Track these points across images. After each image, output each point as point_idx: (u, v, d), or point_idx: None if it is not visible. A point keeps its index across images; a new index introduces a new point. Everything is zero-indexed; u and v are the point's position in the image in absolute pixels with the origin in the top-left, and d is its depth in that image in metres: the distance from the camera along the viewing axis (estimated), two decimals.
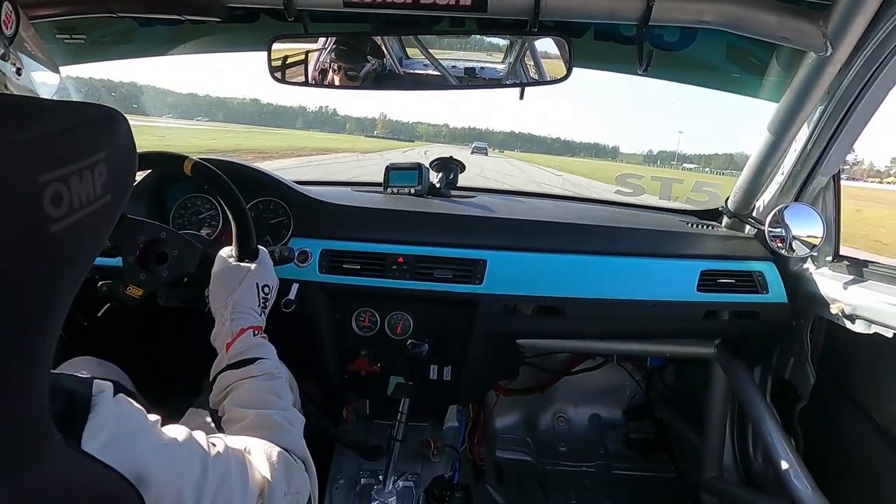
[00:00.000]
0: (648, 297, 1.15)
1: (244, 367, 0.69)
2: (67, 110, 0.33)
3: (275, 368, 0.70)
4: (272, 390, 0.67)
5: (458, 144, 48.51)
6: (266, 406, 0.64)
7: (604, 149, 59.73)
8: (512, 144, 58.76)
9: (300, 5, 0.95)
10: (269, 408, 0.64)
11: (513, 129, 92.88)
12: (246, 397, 0.65)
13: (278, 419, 0.63)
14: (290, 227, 1.18)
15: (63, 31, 1.15)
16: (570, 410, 1.73)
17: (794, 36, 0.89)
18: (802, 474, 1.04)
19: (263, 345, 0.73)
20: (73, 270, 0.33)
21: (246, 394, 0.66)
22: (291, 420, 0.64)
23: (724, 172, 35.33)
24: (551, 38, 1.02)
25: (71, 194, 0.30)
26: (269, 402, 0.65)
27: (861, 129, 1.02)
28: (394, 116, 79.42)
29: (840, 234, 1.15)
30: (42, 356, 0.32)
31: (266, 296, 0.80)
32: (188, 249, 0.88)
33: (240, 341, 0.72)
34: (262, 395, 0.65)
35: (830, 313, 1.05)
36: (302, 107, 79.47)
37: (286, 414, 0.65)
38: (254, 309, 0.77)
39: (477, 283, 1.13)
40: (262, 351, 0.72)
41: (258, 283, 0.79)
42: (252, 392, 0.66)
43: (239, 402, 0.65)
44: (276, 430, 0.61)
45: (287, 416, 0.64)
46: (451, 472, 1.24)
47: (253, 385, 0.67)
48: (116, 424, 0.38)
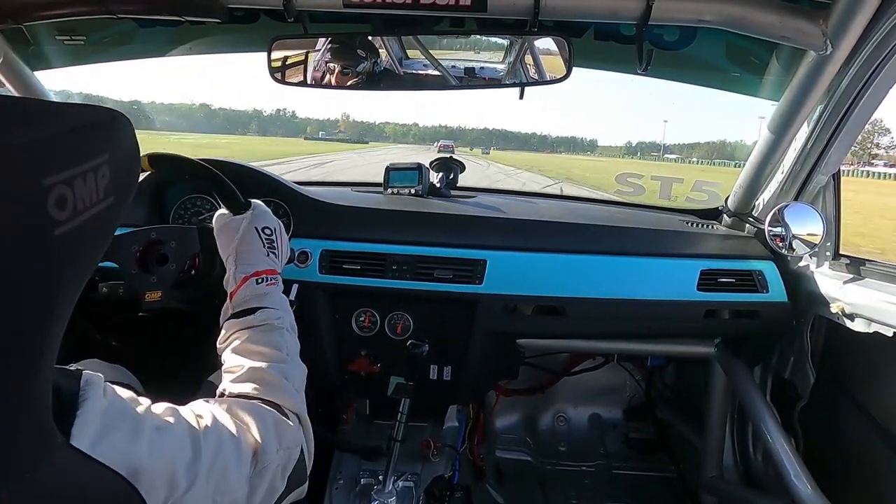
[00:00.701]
0: (648, 296, 1.15)
1: (244, 317, 0.68)
2: (71, 113, 0.33)
3: (275, 318, 0.69)
4: (270, 342, 0.66)
5: (426, 144, 46.22)
6: (261, 358, 0.63)
7: (581, 143, 56.75)
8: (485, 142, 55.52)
9: (300, 6, 0.95)
10: (265, 360, 0.63)
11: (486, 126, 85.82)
12: (242, 348, 0.65)
13: (272, 374, 0.62)
14: (290, 227, 1.18)
15: (63, 32, 1.15)
16: (570, 410, 1.73)
17: (794, 35, 0.89)
18: (802, 473, 1.04)
19: (268, 293, 0.71)
20: (76, 273, 0.33)
21: (243, 345, 0.65)
22: (287, 373, 0.63)
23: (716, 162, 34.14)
24: (551, 37, 1.02)
25: (75, 197, 0.30)
26: (265, 355, 0.64)
27: (861, 127, 1.02)
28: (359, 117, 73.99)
29: (840, 232, 1.15)
30: (45, 358, 0.32)
31: (269, 236, 0.78)
32: (183, 234, 0.89)
33: (243, 290, 0.71)
34: (258, 346, 0.65)
35: (830, 312, 1.05)
36: (257, 110, 75.23)
37: (282, 367, 0.64)
38: (258, 252, 0.75)
39: (477, 283, 1.13)
40: (265, 300, 0.70)
41: (256, 226, 0.78)
42: (248, 343, 0.65)
43: (236, 351, 0.65)
44: (269, 386, 0.61)
45: (283, 370, 0.63)
46: (451, 472, 1.24)
47: (251, 336, 0.66)
48: (105, 419, 0.38)
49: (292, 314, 0.73)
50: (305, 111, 72.87)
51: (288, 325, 0.70)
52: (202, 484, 0.43)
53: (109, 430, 0.38)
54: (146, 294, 0.86)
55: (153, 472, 0.39)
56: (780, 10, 0.88)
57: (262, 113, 59.27)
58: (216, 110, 65.27)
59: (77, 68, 1.26)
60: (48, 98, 1.29)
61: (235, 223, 0.78)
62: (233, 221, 0.79)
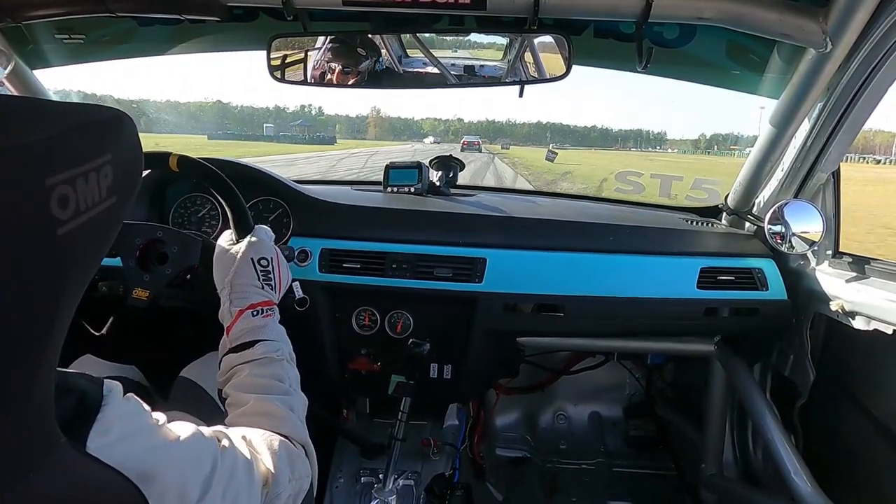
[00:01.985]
0: (648, 294, 1.15)
1: (243, 352, 0.68)
2: (74, 112, 0.33)
3: (274, 351, 0.69)
4: (272, 374, 0.66)
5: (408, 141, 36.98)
6: (265, 391, 0.64)
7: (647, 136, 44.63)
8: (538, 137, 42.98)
9: (299, 4, 0.95)
10: (269, 393, 0.63)
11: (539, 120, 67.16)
12: (245, 382, 0.65)
13: (277, 406, 0.62)
14: (290, 226, 1.18)
15: (62, 30, 1.15)
16: (570, 408, 1.74)
17: (793, 32, 0.89)
18: (802, 471, 1.04)
19: (265, 325, 0.71)
20: (78, 272, 0.33)
21: (245, 379, 0.65)
22: (292, 405, 0.64)
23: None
24: (551, 35, 1.02)
25: (77, 197, 0.30)
26: (269, 387, 0.64)
27: (861, 125, 1.02)
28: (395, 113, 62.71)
29: (840, 230, 1.15)
30: (47, 358, 0.32)
31: (265, 268, 0.77)
32: (187, 243, 0.89)
33: (239, 323, 0.71)
34: (260, 379, 0.65)
35: (830, 310, 1.05)
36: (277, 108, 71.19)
37: (286, 399, 0.64)
38: (253, 285, 0.75)
39: (477, 281, 1.13)
40: (262, 332, 0.70)
41: (252, 257, 0.77)
42: (251, 377, 0.65)
43: (239, 386, 0.65)
44: (276, 418, 0.61)
45: (287, 402, 0.64)
46: (451, 470, 1.25)
47: (252, 370, 0.66)
48: (123, 424, 0.38)
49: (290, 344, 0.73)
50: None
51: (287, 355, 0.70)
52: (214, 501, 0.44)
53: (126, 436, 0.38)
54: (134, 290, 0.86)
55: (166, 481, 0.39)
56: (780, 8, 0.88)
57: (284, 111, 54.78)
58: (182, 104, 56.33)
59: (76, 67, 1.26)
60: (48, 97, 1.28)
61: (231, 256, 0.77)
62: (229, 253, 0.78)
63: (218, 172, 0.85)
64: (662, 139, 45.55)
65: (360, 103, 61.75)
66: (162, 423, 0.44)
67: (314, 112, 45.31)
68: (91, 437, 0.36)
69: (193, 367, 0.91)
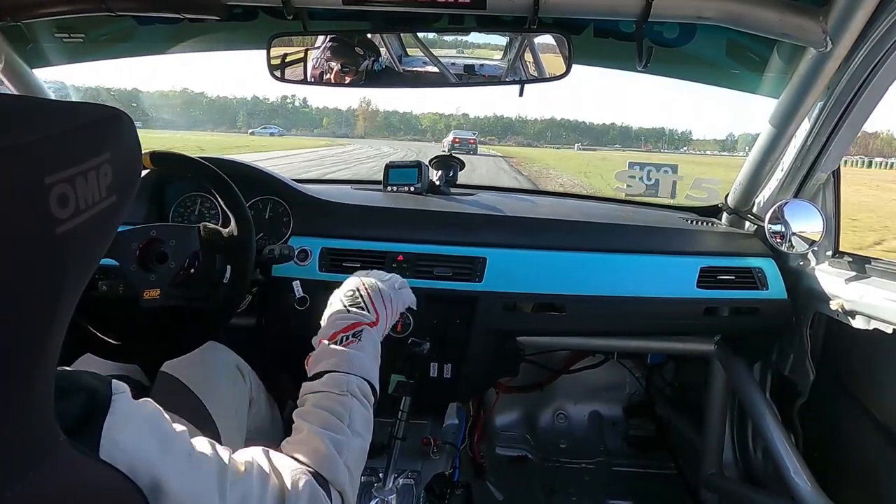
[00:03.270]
0: (648, 293, 1.15)
1: (313, 382, 0.68)
2: (73, 111, 0.33)
3: (338, 385, 0.65)
4: (331, 408, 0.63)
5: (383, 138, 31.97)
6: (320, 425, 0.61)
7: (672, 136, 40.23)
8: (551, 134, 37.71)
9: (299, 3, 0.95)
10: (324, 427, 0.61)
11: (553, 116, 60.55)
12: (307, 411, 0.64)
13: (325, 443, 0.59)
14: (290, 225, 1.18)
15: (61, 29, 1.15)
16: (570, 407, 1.74)
17: (794, 32, 0.89)
18: (802, 470, 1.04)
19: (342, 354, 0.69)
20: (77, 271, 0.33)
21: (307, 408, 0.64)
22: (341, 446, 0.59)
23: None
24: (551, 34, 1.02)
25: (77, 196, 0.30)
26: (324, 422, 0.62)
27: (861, 124, 1.02)
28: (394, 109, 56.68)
29: (840, 229, 1.15)
30: (46, 357, 0.32)
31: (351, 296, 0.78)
32: (183, 233, 0.89)
33: (315, 353, 0.71)
34: (319, 412, 0.63)
35: (830, 309, 1.05)
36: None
37: (337, 438, 0.60)
38: (338, 315, 0.75)
39: (477, 280, 1.13)
40: (334, 363, 0.68)
41: (338, 295, 0.80)
42: (312, 408, 0.64)
43: (301, 414, 0.64)
44: (318, 455, 0.58)
45: (337, 441, 0.60)
46: (451, 469, 1.25)
47: (316, 400, 0.65)
48: (136, 426, 0.39)
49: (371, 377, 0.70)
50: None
51: (355, 390, 0.66)
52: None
53: (139, 439, 0.38)
54: (144, 292, 0.86)
55: (178, 495, 0.39)
56: (781, 7, 0.88)
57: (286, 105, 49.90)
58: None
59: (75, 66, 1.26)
60: (47, 96, 1.28)
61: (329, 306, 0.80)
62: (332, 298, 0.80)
63: (195, 158, 0.86)
64: (688, 139, 41.49)
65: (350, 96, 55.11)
66: (181, 431, 0.43)
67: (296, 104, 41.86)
68: (104, 434, 0.36)
69: (180, 365, 0.90)
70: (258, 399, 1.02)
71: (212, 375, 0.91)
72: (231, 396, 0.92)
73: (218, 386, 0.90)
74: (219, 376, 0.92)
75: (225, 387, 0.92)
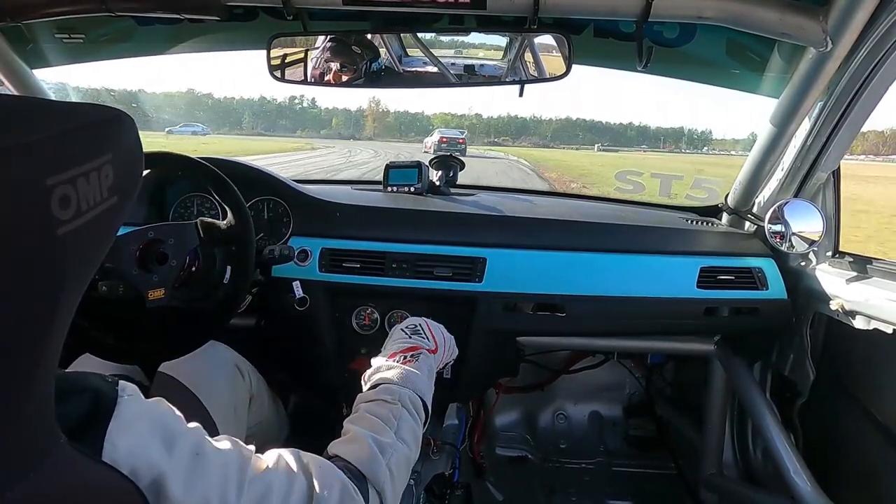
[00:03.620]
0: (648, 294, 1.15)
1: (366, 392, 0.69)
2: (75, 112, 0.33)
3: (391, 393, 0.67)
4: (380, 414, 0.64)
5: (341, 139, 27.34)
6: (367, 427, 0.61)
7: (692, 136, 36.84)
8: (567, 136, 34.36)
9: (299, 4, 0.95)
10: (370, 429, 0.61)
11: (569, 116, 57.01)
12: (357, 417, 0.65)
13: (368, 442, 0.59)
14: (290, 225, 1.18)
15: (62, 30, 1.15)
16: (569, 408, 1.74)
17: (794, 32, 0.89)
18: (802, 470, 1.04)
19: (397, 368, 0.71)
20: (78, 272, 0.33)
21: (358, 414, 0.65)
22: (385, 448, 0.59)
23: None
24: (551, 35, 1.02)
25: (78, 197, 0.30)
26: (371, 425, 0.62)
27: (861, 124, 1.02)
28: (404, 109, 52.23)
29: (840, 229, 1.15)
30: (47, 358, 0.32)
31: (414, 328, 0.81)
32: (181, 230, 0.89)
33: (372, 369, 0.73)
34: (368, 416, 0.64)
35: (830, 309, 1.05)
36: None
37: (381, 440, 0.60)
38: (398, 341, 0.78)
39: (477, 280, 1.13)
40: (388, 375, 0.70)
41: (402, 327, 0.82)
42: (362, 413, 0.65)
43: (351, 419, 0.65)
44: (362, 454, 0.58)
45: (381, 443, 0.59)
46: (451, 469, 1.25)
47: (367, 407, 0.66)
48: (141, 428, 0.38)
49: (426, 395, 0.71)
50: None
51: (408, 401, 0.67)
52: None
53: (145, 440, 0.38)
54: (149, 293, 0.86)
55: (180, 498, 0.39)
56: (781, 7, 0.88)
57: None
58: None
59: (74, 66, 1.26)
60: (47, 97, 1.28)
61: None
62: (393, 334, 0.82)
63: (187, 157, 0.86)
64: (708, 138, 38.63)
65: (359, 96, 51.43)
66: (192, 428, 0.43)
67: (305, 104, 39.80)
68: (107, 437, 0.36)
69: (178, 364, 0.90)
70: (259, 395, 1.03)
71: (210, 374, 0.91)
72: (229, 395, 0.92)
73: (216, 384, 0.90)
74: (217, 375, 0.92)
75: (223, 385, 0.92)
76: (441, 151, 9.58)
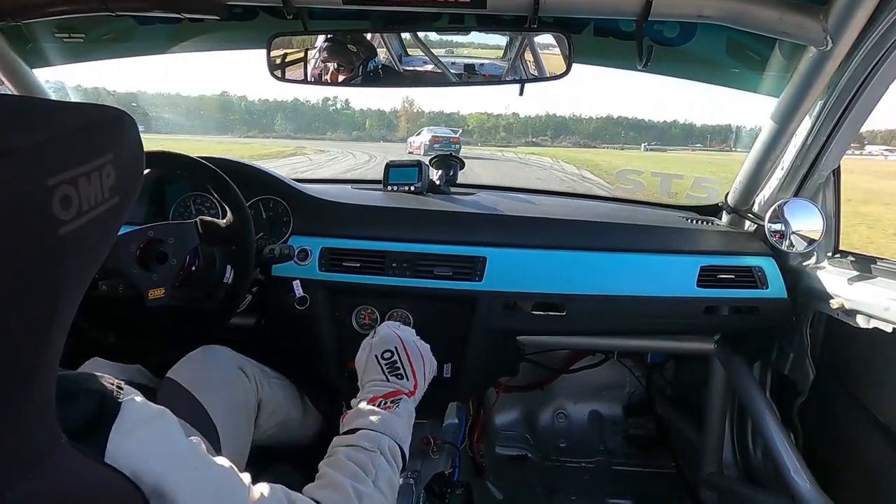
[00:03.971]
0: (648, 293, 1.15)
1: (345, 436, 0.69)
2: (76, 112, 0.33)
3: (370, 441, 0.67)
4: (359, 461, 0.64)
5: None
6: (344, 474, 0.62)
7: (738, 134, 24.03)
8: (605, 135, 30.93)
9: (299, 3, 0.95)
10: (347, 476, 0.61)
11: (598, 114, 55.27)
12: (334, 461, 0.65)
13: (346, 489, 0.59)
14: (290, 225, 1.18)
15: (62, 29, 1.15)
16: (569, 407, 1.74)
17: (794, 30, 0.89)
18: (801, 469, 1.04)
19: (377, 414, 0.71)
20: (79, 272, 0.33)
21: (336, 459, 0.65)
22: (361, 496, 0.60)
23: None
24: (551, 34, 1.02)
25: (79, 197, 0.30)
26: (350, 472, 0.62)
27: (861, 123, 1.02)
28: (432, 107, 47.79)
29: (840, 228, 1.15)
30: (47, 358, 0.32)
31: (389, 360, 0.81)
32: (181, 229, 0.89)
33: (352, 412, 0.74)
34: (347, 462, 0.64)
35: (830, 308, 1.05)
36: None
37: (359, 488, 0.60)
38: (378, 380, 0.78)
39: (477, 280, 1.13)
40: (370, 423, 0.70)
41: (375, 354, 0.81)
42: (340, 458, 0.65)
43: (328, 463, 0.65)
44: (340, 500, 0.58)
45: (359, 491, 0.60)
46: (451, 468, 1.25)
47: (345, 452, 0.66)
48: (145, 433, 0.39)
49: (404, 442, 0.71)
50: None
51: (387, 450, 0.68)
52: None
53: (148, 445, 0.38)
54: (149, 292, 0.86)
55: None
56: (781, 6, 0.88)
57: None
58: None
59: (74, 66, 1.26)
60: (47, 96, 1.28)
61: (363, 355, 0.82)
62: (362, 353, 0.83)
63: (184, 155, 0.87)
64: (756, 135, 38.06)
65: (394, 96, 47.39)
66: (193, 442, 0.43)
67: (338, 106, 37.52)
68: (110, 439, 0.36)
69: (182, 369, 0.89)
70: (273, 398, 1.01)
71: (212, 378, 0.90)
72: (232, 398, 0.91)
73: (218, 389, 0.90)
74: (219, 379, 0.92)
75: (226, 389, 0.91)
76: (434, 151, 7.93)
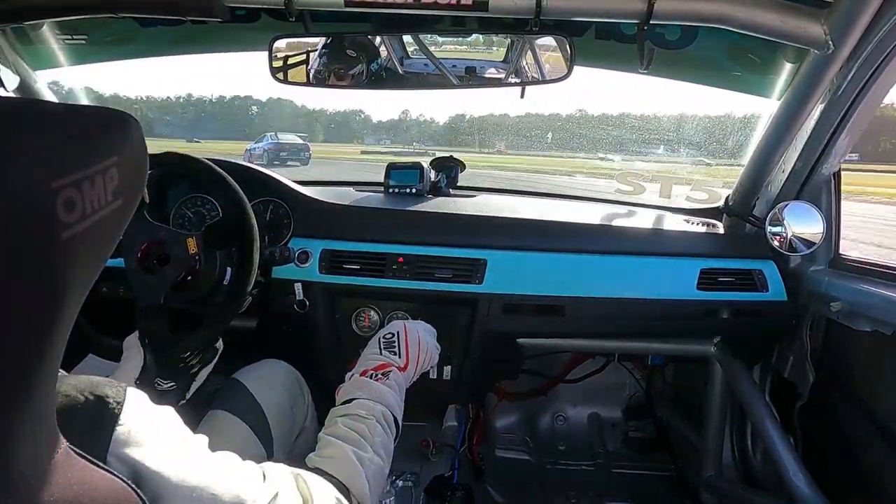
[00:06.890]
0: (648, 295, 1.15)
1: (341, 406, 0.72)
2: (80, 114, 0.33)
3: (366, 409, 0.70)
4: (357, 429, 0.67)
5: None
6: (344, 441, 0.65)
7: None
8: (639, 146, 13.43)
9: (301, 5, 0.95)
10: (347, 443, 0.65)
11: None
12: (332, 430, 0.68)
13: (349, 455, 0.63)
14: (291, 227, 1.18)
15: (64, 31, 1.16)
16: (569, 410, 1.74)
17: (795, 34, 0.89)
18: (801, 472, 1.04)
19: (370, 385, 0.74)
20: (82, 275, 0.33)
21: (334, 428, 0.68)
22: (363, 460, 0.64)
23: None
24: (552, 37, 1.02)
25: (83, 200, 0.30)
26: (349, 438, 0.66)
27: (862, 127, 1.02)
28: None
29: (840, 232, 1.15)
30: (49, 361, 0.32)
31: (389, 339, 0.84)
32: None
33: (347, 384, 0.76)
34: (345, 430, 0.67)
35: (830, 311, 1.05)
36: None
37: (359, 453, 0.64)
38: (373, 354, 0.82)
39: (477, 282, 1.13)
40: (365, 392, 0.73)
41: (378, 336, 0.85)
42: (339, 427, 0.68)
43: (327, 432, 0.68)
44: (343, 466, 0.62)
45: (360, 455, 0.64)
46: (450, 471, 1.25)
47: (343, 421, 0.69)
48: (148, 436, 0.39)
49: (397, 409, 0.75)
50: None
51: (379, 416, 0.71)
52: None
53: (151, 449, 0.39)
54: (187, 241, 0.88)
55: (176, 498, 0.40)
56: (782, 10, 0.88)
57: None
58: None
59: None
60: (50, 99, 1.29)
61: (371, 342, 0.86)
62: (371, 342, 0.86)
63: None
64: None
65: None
66: (200, 444, 0.43)
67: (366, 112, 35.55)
68: (112, 442, 0.36)
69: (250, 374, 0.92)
70: (310, 427, 1.02)
71: (275, 389, 0.93)
72: (289, 411, 0.93)
73: (281, 401, 0.92)
74: (282, 391, 0.94)
75: (285, 402, 0.93)
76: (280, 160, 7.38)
